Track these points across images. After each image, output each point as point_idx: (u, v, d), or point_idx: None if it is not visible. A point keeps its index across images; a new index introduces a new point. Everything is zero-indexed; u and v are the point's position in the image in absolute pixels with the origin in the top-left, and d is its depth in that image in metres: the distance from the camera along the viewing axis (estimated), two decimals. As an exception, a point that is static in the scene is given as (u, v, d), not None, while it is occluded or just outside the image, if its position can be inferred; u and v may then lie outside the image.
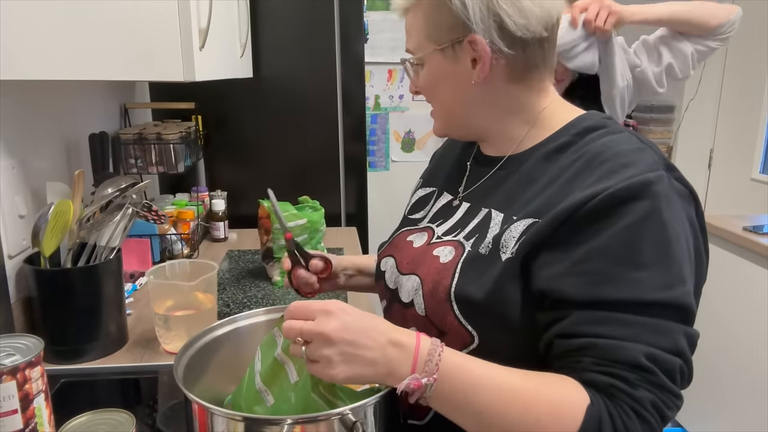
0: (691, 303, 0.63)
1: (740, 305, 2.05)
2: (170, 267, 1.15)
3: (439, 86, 0.78)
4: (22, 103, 1.18)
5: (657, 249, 0.63)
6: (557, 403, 0.60)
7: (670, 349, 0.61)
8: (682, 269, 0.64)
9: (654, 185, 0.64)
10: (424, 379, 0.61)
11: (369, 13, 2.88)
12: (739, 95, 2.94)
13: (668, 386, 0.61)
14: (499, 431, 0.61)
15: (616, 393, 0.60)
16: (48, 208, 1.03)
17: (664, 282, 0.62)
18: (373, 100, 3.03)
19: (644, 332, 0.61)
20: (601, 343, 0.61)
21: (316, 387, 0.69)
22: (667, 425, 0.65)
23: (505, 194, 0.77)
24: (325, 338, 0.62)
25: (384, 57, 2.96)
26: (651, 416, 0.60)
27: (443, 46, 0.75)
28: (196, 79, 1.03)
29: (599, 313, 0.62)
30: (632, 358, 0.60)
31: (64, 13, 0.95)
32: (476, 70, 0.74)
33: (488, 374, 0.62)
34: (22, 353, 0.72)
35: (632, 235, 0.63)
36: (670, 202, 0.65)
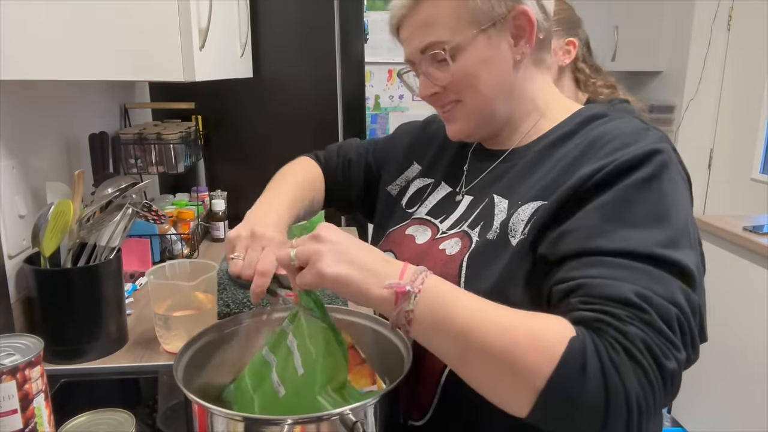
0: (690, 267, 0.58)
1: (740, 305, 2.05)
2: (170, 267, 1.15)
3: (480, 74, 0.73)
4: (22, 103, 1.18)
5: (652, 212, 0.61)
6: (539, 330, 0.55)
7: (664, 296, 0.56)
8: (681, 236, 0.60)
9: (659, 154, 0.63)
10: (408, 286, 0.59)
11: (369, 13, 2.88)
12: (739, 95, 2.94)
13: (662, 328, 0.54)
14: (478, 355, 0.56)
15: (603, 327, 0.54)
16: (48, 208, 1.03)
17: (659, 241, 0.59)
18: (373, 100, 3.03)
19: (636, 275, 0.57)
20: (590, 282, 0.57)
21: (323, 388, 0.68)
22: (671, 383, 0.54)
23: (507, 183, 0.77)
24: (316, 238, 0.62)
25: (384, 57, 2.96)
26: (642, 355, 0.53)
27: (486, 26, 0.70)
28: (196, 79, 1.03)
29: (590, 259, 0.59)
30: (621, 294, 0.55)
31: (64, 14, 0.95)
32: (520, 46, 0.72)
33: (471, 296, 0.59)
34: (21, 353, 0.72)
35: (626, 197, 0.62)
36: (673, 175, 0.64)
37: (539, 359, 0.53)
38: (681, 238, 0.60)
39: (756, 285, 1.97)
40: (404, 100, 3.06)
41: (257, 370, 0.79)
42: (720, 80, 3.05)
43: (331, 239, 0.62)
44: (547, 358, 0.53)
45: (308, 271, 0.62)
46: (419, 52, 0.75)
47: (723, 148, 3.06)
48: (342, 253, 0.61)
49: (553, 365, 0.52)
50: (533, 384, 0.53)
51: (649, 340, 0.53)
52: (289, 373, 0.73)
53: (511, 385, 0.55)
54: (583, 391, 0.52)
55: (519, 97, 0.77)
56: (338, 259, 0.61)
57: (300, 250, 0.63)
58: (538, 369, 0.53)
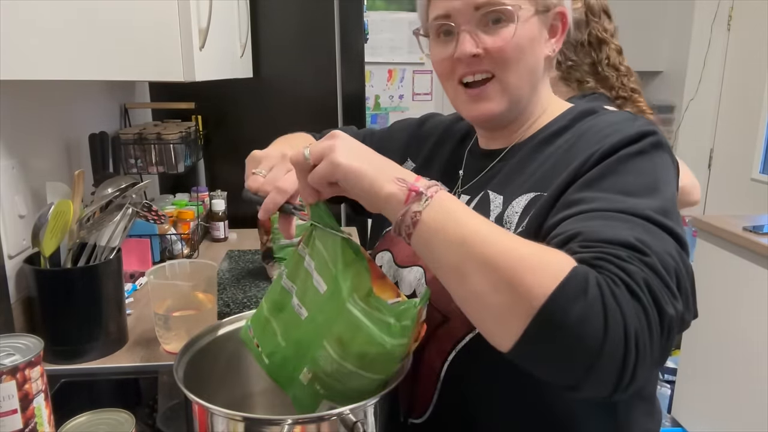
0: (684, 235, 0.59)
1: (740, 305, 2.05)
2: (170, 267, 1.15)
3: (527, 52, 0.73)
4: (22, 103, 1.18)
5: (644, 182, 0.62)
6: (544, 253, 0.54)
7: (663, 250, 0.55)
8: (671, 209, 0.60)
9: (648, 135, 0.66)
10: (422, 189, 0.57)
11: (369, 13, 2.87)
12: (739, 95, 2.94)
13: (662, 274, 0.53)
14: (478, 267, 0.53)
15: (605, 265, 0.52)
16: (48, 208, 1.03)
17: (653, 207, 0.59)
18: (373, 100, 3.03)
19: (636, 227, 0.56)
20: (589, 229, 0.56)
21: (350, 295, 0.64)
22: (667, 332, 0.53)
23: (502, 178, 0.78)
24: (332, 136, 0.61)
25: (384, 57, 2.96)
26: (643, 294, 0.51)
27: (541, 9, 0.73)
28: (196, 79, 1.04)
29: (589, 213, 0.59)
30: (622, 237, 0.54)
31: (64, 14, 0.95)
32: (553, 41, 0.76)
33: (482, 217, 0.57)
34: (21, 353, 0.72)
35: (618, 169, 0.63)
36: (664, 157, 0.66)
37: (541, 278, 0.50)
38: (672, 210, 0.60)
39: (756, 285, 1.97)
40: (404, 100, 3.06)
41: (276, 299, 0.75)
42: (720, 80, 3.05)
43: (347, 138, 0.61)
44: (548, 277, 0.50)
45: (322, 165, 0.60)
46: (473, 8, 0.72)
47: (723, 148, 3.06)
48: (357, 149, 0.61)
49: (554, 284, 0.50)
50: (530, 304, 0.50)
51: (650, 280, 0.52)
52: (310, 293, 0.69)
53: (507, 304, 0.51)
54: (581, 316, 0.49)
55: (538, 90, 0.78)
56: (353, 154, 0.59)
57: (314, 146, 0.61)
58: (539, 287, 0.50)
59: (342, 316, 0.64)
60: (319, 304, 0.68)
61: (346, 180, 0.59)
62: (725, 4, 2.96)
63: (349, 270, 0.65)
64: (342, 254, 0.66)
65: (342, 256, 0.66)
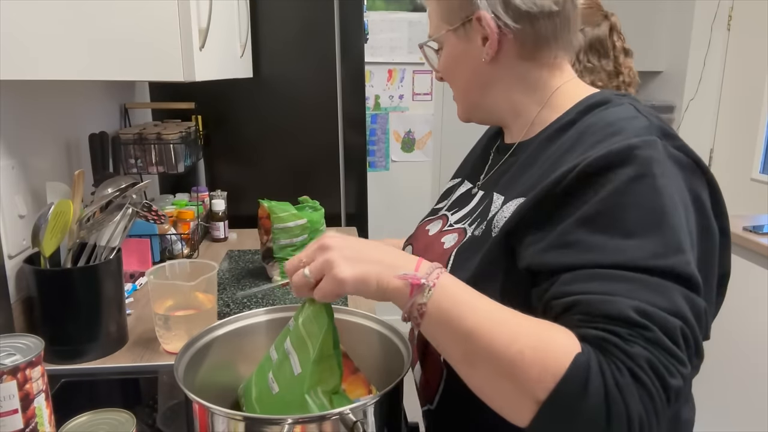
0: (693, 272, 0.56)
1: (740, 305, 2.05)
2: (170, 267, 1.15)
3: (456, 67, 0.80)
4: (22, 103, 1.18)
5: (646, 217, 0.58)
6: (546, 341, 0.54)
7: (666, 309, 0.54)
8: (680, 238, 0.57)
9: (639, 150, 0.60)
10: (423, 279, 0.58)
11: (369, 13, 2.87)
12: (739, 95, 2.95)
13: (667, 345, 0.52)
14: (483, 359, 0.56)
15: (608, 347, 0.53)
16: (48, 208, 1.03)
17: (656, 251, 0.56)
18: (373, 100, 3.03)
19: (636, 288, 0.55)
20: (588, 299, 0.56)
21: (313, 387, 0.69)
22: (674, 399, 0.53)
23: (508, 179, 0.78)
24: (324, 246, 0.62)
25: (384, 57, 2.96)
26: (647, 376, 0.51)
27: (455, 26, 0.76)
28: (196, 79, 1.03)
29: (585, 272, 0.57)
30: (621, 312, 0.53)
31: (64, 14, 0.95)
32: (486, 47, 0.75)
33: (484, 299, 0.59)
34: (22, 353, 0.72)
35: (616, 203, 0.59)
36: (664, 169, 0.60)
37: (543, 372, 0.52)
38: (679, 239, 0.57)
39: (756, 285, 1.97)
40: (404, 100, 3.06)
41: (263, 366, 0.80)
42: (720, 80, 3.05)
43: (339, 245, 0.62)
44: (550, 371, 0.52)
45: (326, 282, 0.61)
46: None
47: (723, 148, 3.06)
48: (354, 253, 0.61)
49: (556, 380, 0.52)
50: (535, 395, 0.52)
51: (654, 359, 0.52)
52: (285, 371, 0.74)
53: (513, 394, 0.54)
54: (583, 408, 0.51)
55: (505, 89, 0.79)
56: (352, 261, 0.60)
57: (312, 265, 0.63)
58: (541, 381, 0.52)
59: (301, 404, 0.68)
60: (290, 384, 0.71)
61: (355, 289, 0.61)
62: (725, 4, 2.96)
63: (322, 363, 0.69)
64: (321, 344, 0.69)
65: (320, 347, 0.69)
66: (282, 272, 1.49)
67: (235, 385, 0.88)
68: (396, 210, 3.19)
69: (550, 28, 0.73)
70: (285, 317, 0.90)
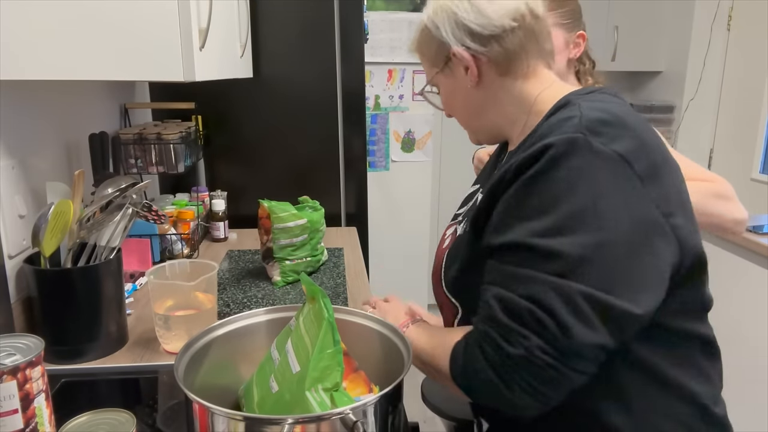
0: (568, 252, 0.66)
1: (740, 305, 2.05)
2: (170, 267, 1.15)
3: (453, 101, 0.91)
4: (22, 103, 1.18)
5: (539, 204, 0.69)
6: (449, 345, 0.78)
7: (523, 294, 0.67)
8: (567, 223, 0.66)
9: (552, 148, 0.69)
10: (402, 329, 0.88)
11: (369, 13, 2.87)
12: (739, 95, 2.94)
13: (505, 322, 0.68)
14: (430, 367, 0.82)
15: (474, 327, 0.74)
16: (48, 208, 1.03)
17: (536, 230, 0.68)
18: (373, 100, 3.03)
19: (505, 278, 0.70)
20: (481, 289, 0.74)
21: (314, 385, 0.69)
22: (530, 362, 0.67)
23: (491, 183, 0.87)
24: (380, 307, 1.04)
25: (384, 57, 2.95)
26: (486, 345, 0.70)
27: (441, 67, 0.88)
28: (196, 79, 1.03)
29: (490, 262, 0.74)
30: (485, 299, 0.72)
31: (64, 14, 0.95)
32: (468, 75, 0.84)
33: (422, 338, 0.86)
34: (22, 353, 0.72)
35: (525, 192, 0.71)
36: (575, 163, 0.68)
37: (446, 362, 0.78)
38: (567, 224, 0.67)
39: (756, 285, 1.97)
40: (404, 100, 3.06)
41: (263, 366, 0.81)
42: (720, 80, 3.05)
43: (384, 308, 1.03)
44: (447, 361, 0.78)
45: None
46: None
47: (723, 148, 3.06)
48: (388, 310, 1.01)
49: (448, 363, 0.77)
50: (448, 375, 0.77)
51: (490, 331, 0.70)
52: (285, 370, 0.74)
53: (445, 379, 0.79)
54: (458, 373, 0.75)
55: (497, 107, 0.87)
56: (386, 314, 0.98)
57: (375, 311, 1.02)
58: (446, 368, 0.78)
59: (302, 402, 0.69)
60: (289, 383, 0.72)
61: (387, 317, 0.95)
62: (725, 4, 2.96)
63: (322, 360, 0.70)
64: (321, 342, 0.71)
65: (321, 344, 0.71)
66: (282, 272, 1.49)
67: (235, 385, 0.88)
68: (396, 210, 3.19)
69: (516, 43, 0.81)
70: (285, 317, 0.90)
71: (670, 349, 0.76)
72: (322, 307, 0.73)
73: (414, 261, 3.27)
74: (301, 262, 1.51)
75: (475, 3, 0.81)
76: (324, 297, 0.75)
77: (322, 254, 1.62)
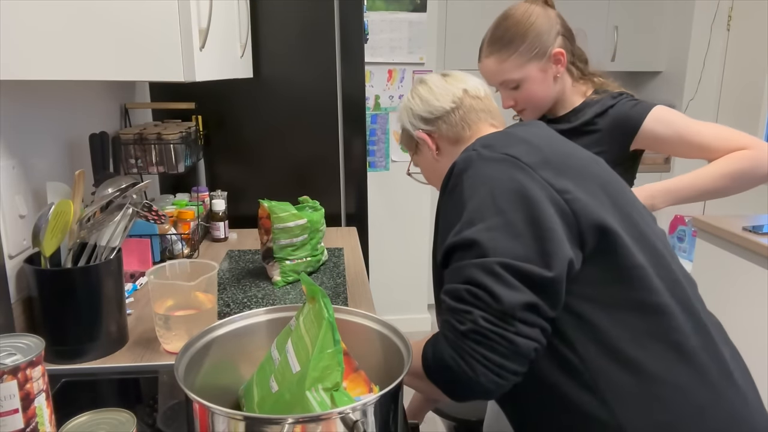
0: (475, 238, 0.79)
1: (740, 305, 2.05)
2: (170, 267, 1.15)
3: (430, 174, 1.12)
4: (22, 103, 1.18)
5: (454, 213, 0.85)
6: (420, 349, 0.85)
7: (460, 280, 0.79)
8: (474, 216, 0.81)
9: (456, 167, 0.89)
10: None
11: (369, 14, 2.87)
12: (738, 95, 2.95)
13: (453, 306, 0.78)
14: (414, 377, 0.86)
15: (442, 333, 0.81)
16: (48, 208, 1.03)
17: (456, 231, 0.82)
18: (373, 100, 3.03)
19: (449, 276, 0.82)
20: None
21: (314, 385, 0.69)
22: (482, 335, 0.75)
23: None
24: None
25: (384, 57, 2.96)
26: (445, 329, 0.79)
27: (414, 150, 1.12)
28: (196, 79, 1.04)
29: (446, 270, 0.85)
30: (441, 299, 0.81)
31: (64, 14, 0.95)
32: (430, 150, 1.06)
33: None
34: (23, 353, 0.72)
35: (444, 203, 0.90)
36: (473, 172, 0.85)
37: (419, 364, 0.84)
38: (474, 217, 0.81)
39: (756, 285, 1.97)
40: (404, 100, 3.06)
41: (264, 366, 0.81)
42: (720, 80, 3.06)
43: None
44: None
45: None
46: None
47: (723, 148, 3.06)
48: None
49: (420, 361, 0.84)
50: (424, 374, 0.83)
51: (448, 318, 0.78)
52: (285, 370, 0.74)
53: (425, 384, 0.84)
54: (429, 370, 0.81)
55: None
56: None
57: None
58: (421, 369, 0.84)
59: (302, 402, 0.69)
60: (289, 383, 0.72)
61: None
62: (725, 4, 2.96)
63: (322, 360, 0.70)
64: (321, 342, 0.71)
65: (321, 344, 0.71)
66: (282, 272, 1.49)
67: (235, 385, 0.88)
68: (396, 210, 3.19)
69: (457, 118, 1.03)
70: (285, 317, 0.90)
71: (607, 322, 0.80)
72: (322, 307, 0.73)
73: (414, 261, 3.27)
74: (301, 262, 1.51)
75: (423, 97, 1.05)
76: (324, 297, 0.75)
77: (322, 254, 1.62)
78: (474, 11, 3.11)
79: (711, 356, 0.81)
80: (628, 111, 1.25)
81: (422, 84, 1.08)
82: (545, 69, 1.26)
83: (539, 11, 1.26)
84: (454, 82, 1.06)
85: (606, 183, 0.88)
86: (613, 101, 1.26)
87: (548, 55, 1.25)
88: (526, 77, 1.26)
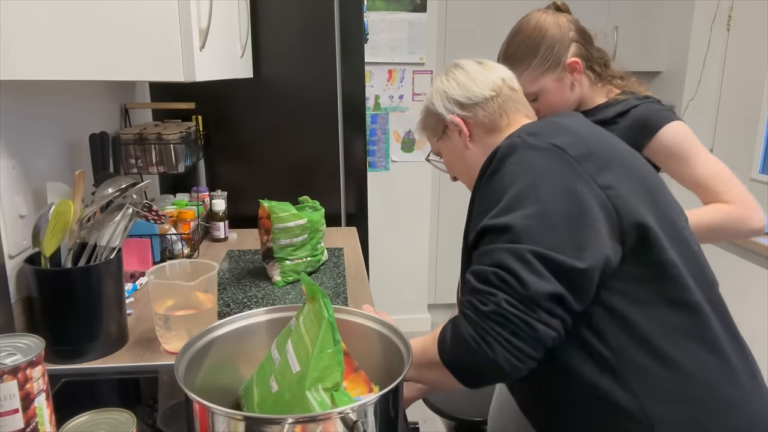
0: (511, 224, 0.78)
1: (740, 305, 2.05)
2: (170, 267, 1.15)
3: (454, 162, 1.08)
4: (22, 103, 1.18)
5: (493, 197, 0.84)
6: (435, 335, 0.86)
7: (488, 263, 0.79)
8: (512, 203, 0.81)
9: (499, 152, 0.87)
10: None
11: (369, 14, 2.88)
12: (738, 95, 2.95)
13: (478, 287, 0.79)
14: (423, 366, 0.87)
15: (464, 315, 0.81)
16: (48, 208, 1.03)
17: (493, 214, 0.82)
18: (373, 100, 3.03)
19: (478, 258, 0.82)
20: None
21: (314, 385, 0.69)
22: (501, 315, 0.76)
23: None
24: None
25: (384, 57, 2.96)
26: (467, 309, 0.79)
27: (440, 136, 1.07)
28: (196, 79, 1.04)
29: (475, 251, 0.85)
30: (466, 279, 0.82)
31: (65, 13, 0.95)
32: (462, 136, 1.03)
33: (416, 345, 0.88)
34: (23, 353, 0.72)
35: (487, 188, 0.87)
36: (517, 158, 0.84)
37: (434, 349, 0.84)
38: (513, 204, 0.81)
39: (756, 285, 1.97)
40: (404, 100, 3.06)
41: (264, 366, 0.81)
42: (719, 80, 3.06)
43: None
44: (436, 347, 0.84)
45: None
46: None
47: (723, 148, 3.06)
48: None
49: (436, 350, 0.84)
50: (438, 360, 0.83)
51: (471, 299, 0.79)
52: (285, 370, 0.74)
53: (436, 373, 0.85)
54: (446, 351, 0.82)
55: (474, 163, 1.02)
56: None
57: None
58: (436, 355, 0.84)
59: (302, 402, 0.69)
60: (289, 383, 0.72)
61: None
62: (725, 5, 2.96)
63: (322, 360, 0.71)
64: (321, 342, 0.71)
65: (321, 344, 0.71)
66: (282, 272, 1.49)
67: (235, 385, 0.88)
68: (396, 210, 3.19)
69: (496, 106, 1.01)
70: (285, 317, 0.90)
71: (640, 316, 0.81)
72: (322, 307, 0.73)
73: (414, 261, 3.27)
74: (301, 262, 1.52)
75: (461, 81, 1.02)
76: (324, 297, 0.75)
77: (322, 254, 1.62)
78: (474, 11, 3.11)
79: (739, 356, 0.85)
80: (651, 114, 1.24)
81: (458, 68, 1.05)
82: (561, 79, 1.27)
83: (550, 21, 1.26)
84: (492, 69, 1.04)
85: (645, 179, 0.87)
86: (637, 102, 1.26)
87: (562, 65, 1.26)
88: (542, 89, 1.27)
